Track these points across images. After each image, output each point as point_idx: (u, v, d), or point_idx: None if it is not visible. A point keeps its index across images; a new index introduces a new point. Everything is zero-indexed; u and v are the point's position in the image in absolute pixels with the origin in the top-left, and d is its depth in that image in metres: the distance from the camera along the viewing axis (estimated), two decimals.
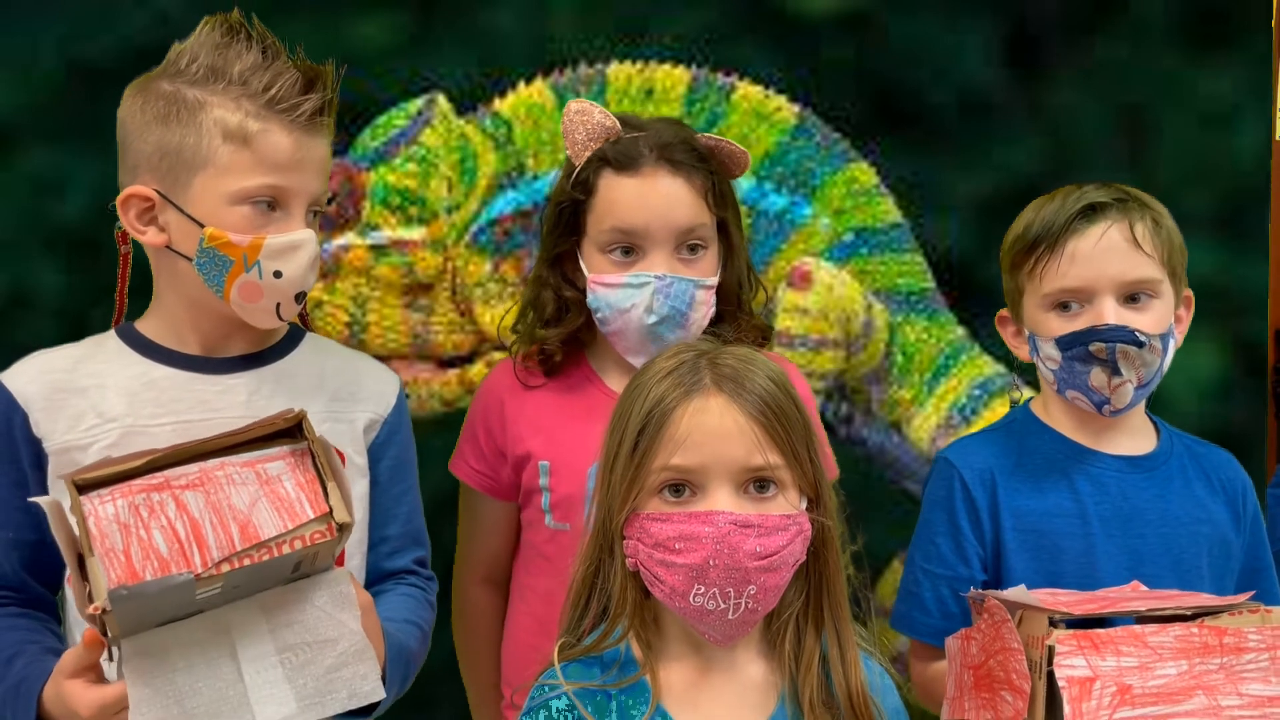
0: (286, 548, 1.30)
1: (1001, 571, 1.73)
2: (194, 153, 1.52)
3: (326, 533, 1.32)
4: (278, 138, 1.53)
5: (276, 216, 1.54)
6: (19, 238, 2.15)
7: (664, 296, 1.76)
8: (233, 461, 1.33)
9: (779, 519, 1.34)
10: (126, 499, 1.28)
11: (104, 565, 1.25)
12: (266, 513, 1.30)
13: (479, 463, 1.88)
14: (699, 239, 1.79)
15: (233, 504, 1.30)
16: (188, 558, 1.27)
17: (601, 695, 1.36)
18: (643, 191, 1.78)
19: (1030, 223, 1.74)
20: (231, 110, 1.53)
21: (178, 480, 1.30)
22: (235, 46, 1.54)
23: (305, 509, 1.32)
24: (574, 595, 1.42)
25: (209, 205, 1.53)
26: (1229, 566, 1.76)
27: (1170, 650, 1.34)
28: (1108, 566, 1.70)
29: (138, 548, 1.26)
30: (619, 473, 1.37)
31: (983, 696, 1.41)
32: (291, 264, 1.54)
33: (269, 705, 1.33)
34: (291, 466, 1.34)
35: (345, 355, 1.71)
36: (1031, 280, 1.73)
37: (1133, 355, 1.67)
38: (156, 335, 1.60)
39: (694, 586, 1.32)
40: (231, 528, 1.29)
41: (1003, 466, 1.75)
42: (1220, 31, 2.34)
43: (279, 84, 1.53)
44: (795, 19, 2.28)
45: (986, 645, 1.40)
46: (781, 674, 1.40)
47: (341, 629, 1.37)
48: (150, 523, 1.27)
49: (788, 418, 1.37)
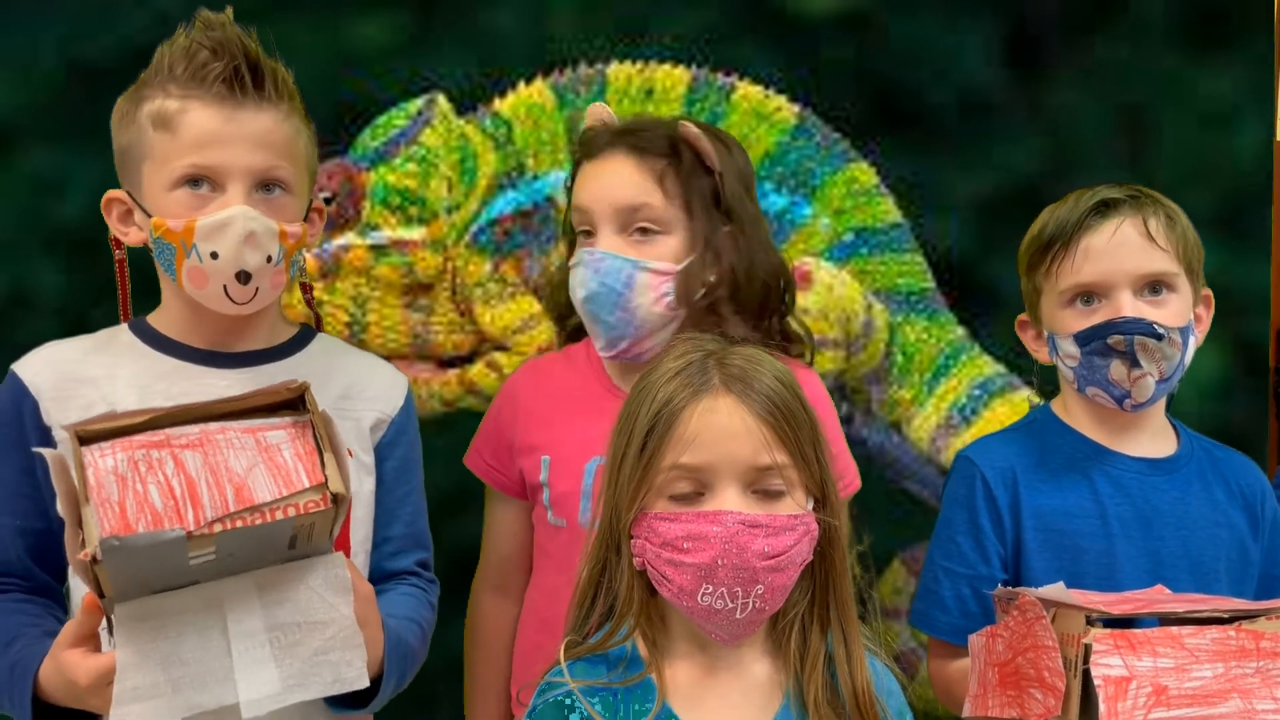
0: (280, 513, 1.29)
1: (1021, 571, 1.73)
2: (137, 148, 1.54)
3: (321, 503, 1.31)
4: (197, 115, 1.52)
5: (214, 197, 1.53)
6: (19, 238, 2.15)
7: (592, 271, 1.74)
8: (234, 427, 1.32)
9: (787, 519, 1.34)
10: (126, 453, 1.28)
11: (98, 515, 1.25)
12: (263, 478, 1.30)
13: (492, 458, 1.88)
14: (649, 221, 1.76)
15: (230, 466, 1.29)
16: (181, 515, 1.26)
17: (608, 693, 1.37)
18: (595, 172, 1.79)
19: (1045, 224, 1.75)
20: (159, 98, 1.53)
21: (178, 439, 1.30)
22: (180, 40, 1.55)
23: (302, 478, 1.31)
24: (580, 594, 1.43)
25: (154, 196, 1.54)
26: (1248, 571, 1.75)
27: (1207, 653, 1.34)
28: (1127, 568, 1.70)
29: (133, 501, 1.26)
30: (627, 472, 1.37)
31: (1009, 694, 1.40)
32: (223, 243, 1.51)
33: (253, 682, 1.33)
34: (292, 437, 1.33)
35: (354, 355, 1.72)
36: (1048, 279, 1.73)
37: (1152, 347, 1.67)
38: (167, 330, 1.61)
39: (702, 586, 1.33)
40: (227, 489, 1.28)
41: (1024, 466, 1.76)
42: (1220, 31, 2.34)
43: (190, 59, 1.53)
44: (795, 19, 2.28)
45: (1015, 642, 1.40)
46: (787, 673, 1.40)
47: (333, 612, 1.36)
48: (147, 478, 1.27)
49: (795, 418, 1.37)
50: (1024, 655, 1.38)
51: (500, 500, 1.90)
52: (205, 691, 1.32)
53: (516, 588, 1.90)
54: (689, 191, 1.77)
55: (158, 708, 1.31)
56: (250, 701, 1.32)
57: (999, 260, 2.24)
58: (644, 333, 1.76)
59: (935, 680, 1.76)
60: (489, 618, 1.91)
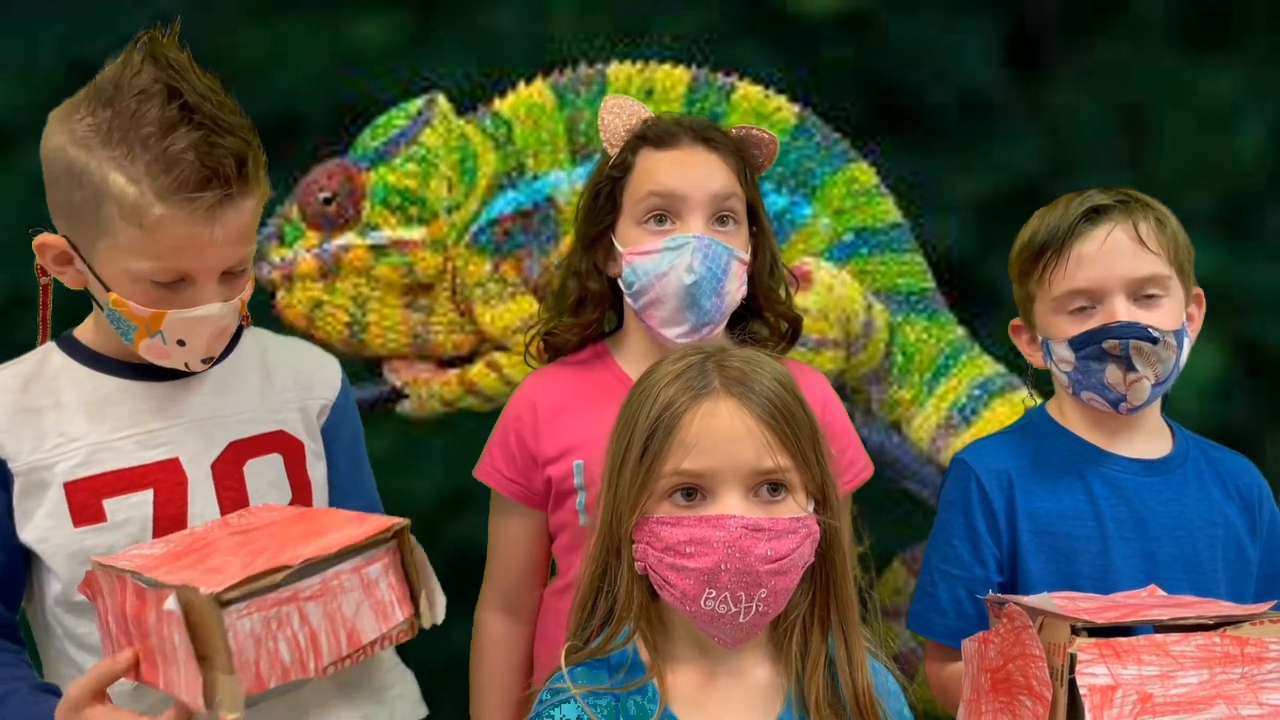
0: (378, 647, 1.42)
1: (1017, 573, 1.73)
2: (93, 221, 1.44)
3: (409, 631, 1.43)
4: (176, 227, 1.42)
5: (184, 287, 1.47)
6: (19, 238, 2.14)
7: (703, 256, 1.76)
8: (344, 569, 1.39)
9: (789, 522, 1.34)
10: (261, 613, 1.34)
11: (239, 680, 1.32)
12: (368, 617, 1.40)
13: (510, 470, 1.86)
14: (730, 210, 1.81)
15: (343, 612, 1.39)
16: (304, 665, 1.36)
17: (609, 699, 1.36)
18: (680, 160, 1.81)
19: (1035, 230, 1.75)
20: (128, 185, 1.41)
21: (304, 592, 1.37)
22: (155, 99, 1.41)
23: (396, 611, 1.42)
24: (581, 598, 1.42)
25: (111, 273, 1.47)
26: (1246, 571, 1.75)
27: (1192, 659, 1.33)
28: (1123, 569, 1.70)
29: (266, 660, 1.34)
30: (628, 476, 1.37)
31: (1000, 700, 1.40)
32: (194, 335, 1.49)
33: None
34: (386, 567, 1.42)
35: (284, 344, 1.71)
36: (1041, 286, 1.74)
37: (1147, 351, 1.67)
38: (101, 346, 1.57)
39: (705, 590, 1.32)
40: (341, 635, 1.38)
41: (1019, 468, 1.76)
42: (1220, 31, 2.34)
43: (178, 172, 1.40)
44: (795, 19, 2.28)
45: (1005, 650, 1.40)
46: (788, 676, 1.39)
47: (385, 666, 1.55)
48: (278, 635, 1.34)
49: (795, 420, 1.36)
50: (1013, 663, 1.39)
51: (515, 513, 1.87)
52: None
53: (528, 608, 1.89)
54: (752, 190, 1.86)
55: None
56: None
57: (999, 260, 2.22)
58: (721, 319, 1.81)
59: (932, 683, 1.77)
60: (497, 640, 1.89)
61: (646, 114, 1.86)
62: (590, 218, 1.86)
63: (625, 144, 1.84)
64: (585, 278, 1.86)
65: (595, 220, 1.85)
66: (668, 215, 1.80)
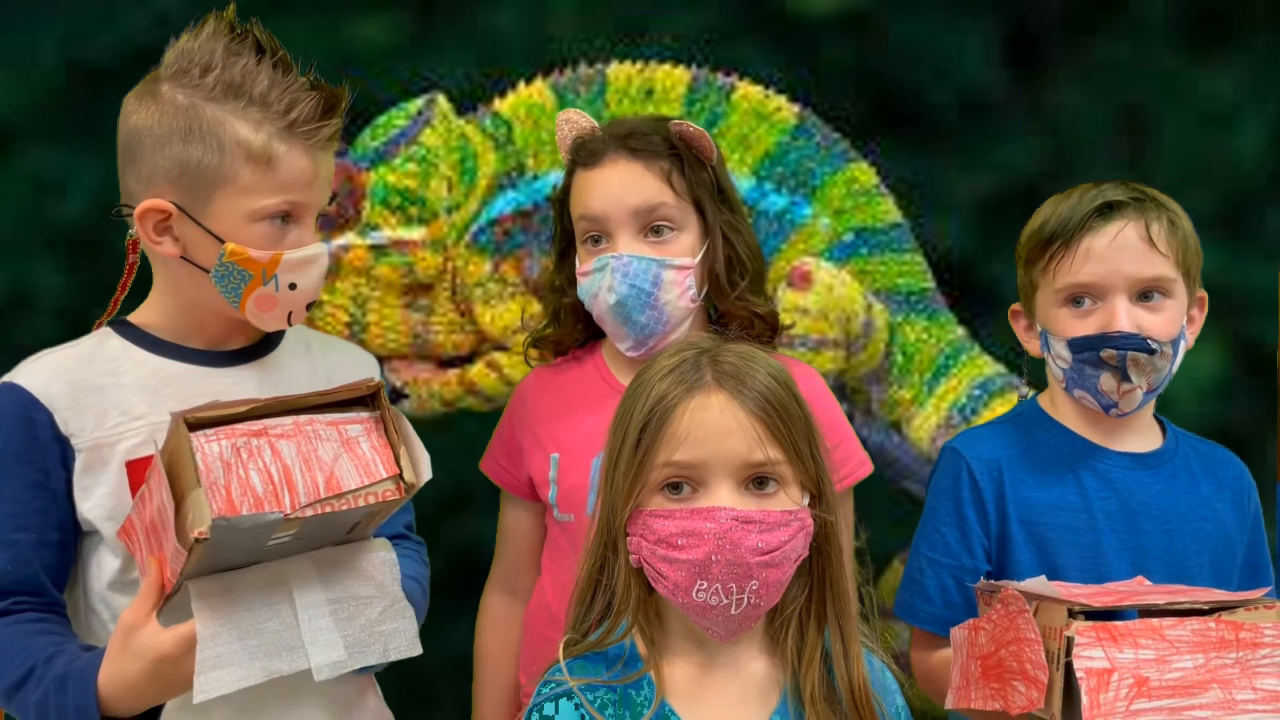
0: (362, 501, 1.41)
1: (1005, 563, 1.73)
2: (215, 172, 1.54)
3: (396, 491, 1.43)
4: (298, 160, 1.56)
5: (291, 230, 1.58)
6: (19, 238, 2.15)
7: (621, 275, 1.77)
8: (319, 419, 1.43)
9: (780, 514, 1.35)
10: (230, 440, 1.38)
11: (208, 496, 1.35)
12: (348, 468, 1.41)
13: (504, 459, 1.91)
14: (663, 219, 1.80)
15: (319, 456, 1.41)
16: (279, 499, 1.38)
17: (607, 691, 1.37)
18: (602, 179, 1.81)
19: (1047, 218, 1.74)
20: (253, 131, 1.54)
21: (274, 429, 1.40)
22: (246, 58, 1.55)
23: (380, 468, 1.43)
24: (579, 592, 1.43)
25: (228, 221, 1.55)
26: (1232, 565, 1.76)
27: (1187, 644, 1.35)
28: (1112, 562, 1.70)
29: (237, 485, 1.37)
30: (622, 469, 1.38)
31: (992, 686, 1.41)
32: (307, 276, 1.59)
33: (322, 649, 1.45)
34: (367, 430, 1.44)
35: (326, 341, 1.77)
36: (1045, 276, 1.73)
37: (1143, 362, 1.68)
38: (160, 331, 1.62)
39: (696, 582, 1.33)
40: (318, 477, 1.40)
41: (1010, 458, 1.76)
42: (1220, 31, 2.34)
43: (300, 108, 1.55)
44: (795, 19, 2.28)
45: (998, 635, 1.40)
46: (784, 670, 1.40)
47: (383, 590, 1.50)
48: (249, 464, 1.38)
49: (789, 414, 1.37)
50: (1007, 648, 1.39)
51: (513, 503, 1.92)
52: (279, 658, 1.44)
53: (525, 590, 1.92)
54: (696, 187, 1.82)
55: (237, 674, 1.42)
56: (320, 666, 1.45)
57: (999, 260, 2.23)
58: (670, 328, 1.81)
59: (917, 670, 1.77)
60: (497, 620, 1.93)
61: (585, 127, 1.85)
62: (557, 235, 1.90)
63: (568, 166, 1.86)
64: (560, 293, 1.90)
65: (561, 237, 1.89)
66: (601, 236, 1.81)
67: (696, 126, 1.83)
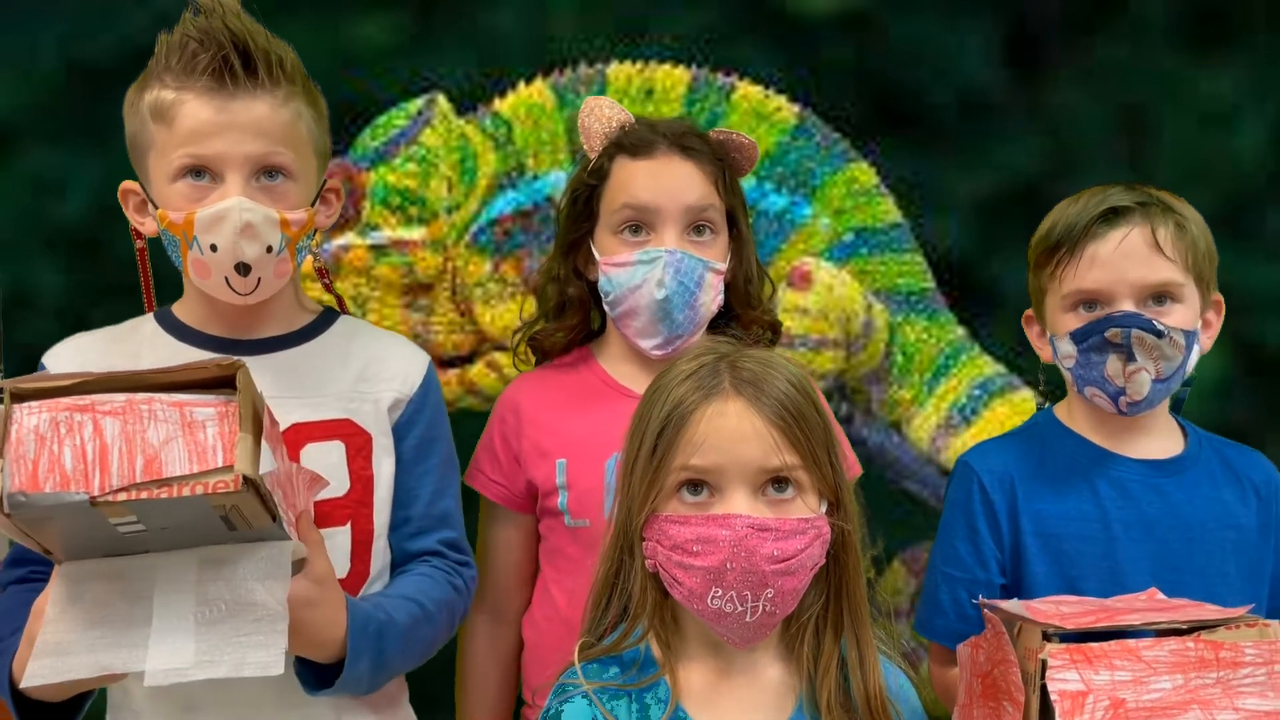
0: (187, 490, 1.28)
1: (1022, 576, 1.72)
2: (138, 138, 1.55)
3: (231, 484, 1.28)
4: (190, 106, 1.52)
5: (214, 188, 1.53)
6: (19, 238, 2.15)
7: (674, 271, 1.77)
8: (161, 399, 1.31)
9: (797, 522, 1.34)
10: (51, 414, 1.29)
11: (11, 470, 1.28)
12: (178, 453, 1.29)
13: (495, 473, 1.87)
14: (707, 220, 1.81)
15: (146, 438, 1.29)
16: (88, 479, 1.28)
17: (621, 695, 1.37)
18: (655, 171, 1.80)
19: (1054, 224, 1.73)
20: (156, 88, 1.54)
21: (103, 405, 1.30)
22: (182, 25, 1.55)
23: (217, 457, 1.30)
24: (595, 595, 1.43)
25: (159, 187, 1.54)
26: (1260, 571, 1.74)
27: (1165, 664, 1.32)
28: (1131, 572, 1.68)
29: (46, 460, 1.28)
30: (639, 474, 1.37)
31: (989, 705, 1.40)
32: (220, 236, 1.51)
33: (165, 653, 1.34)
34: (220, 416, 1.31)
35: (374, 335, 1.72)
36: (1053, 281, 1.72)
37: (1150, 343, 1.65)
38: (188, 319, 1.62)
39: (711, 589, 1.32)
40: (137, 459, 1.29)
41: (1023, 470, 1.74)
42: (1220, 31, 2.34)
43: (181, 50, 1.53)
44: (795, 19, 2.28)
45: (991, 655, 1.39)
46: (800, 676, 1.39)
47: (262, 596, 1.36)
48: (65, 440, 1.28)
49: (807, 421, 1.36)
50: (998, 668, 1.39)
51: (504, 519, 1.88)
52: (115, 655, 1.33)
53: (514, 610, 1.88)
54: (733, 196, 1.85)
55: (66, 664, 1.33)
56: (156, 671, 1.33)
57: (999, 260, 2.24)
58: (697, 329, 1.81)
59: (936, 685, 1.76)
60: (478, 640, 1.89)
61: (625, 117, 1.85)
62: (569, 223, 1.87)
63: (603, 150, 1.84)
64: (564, 283, 1.87)
65: (574, 226, 1.86)
66: (642, 226, 1.80)
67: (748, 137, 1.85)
